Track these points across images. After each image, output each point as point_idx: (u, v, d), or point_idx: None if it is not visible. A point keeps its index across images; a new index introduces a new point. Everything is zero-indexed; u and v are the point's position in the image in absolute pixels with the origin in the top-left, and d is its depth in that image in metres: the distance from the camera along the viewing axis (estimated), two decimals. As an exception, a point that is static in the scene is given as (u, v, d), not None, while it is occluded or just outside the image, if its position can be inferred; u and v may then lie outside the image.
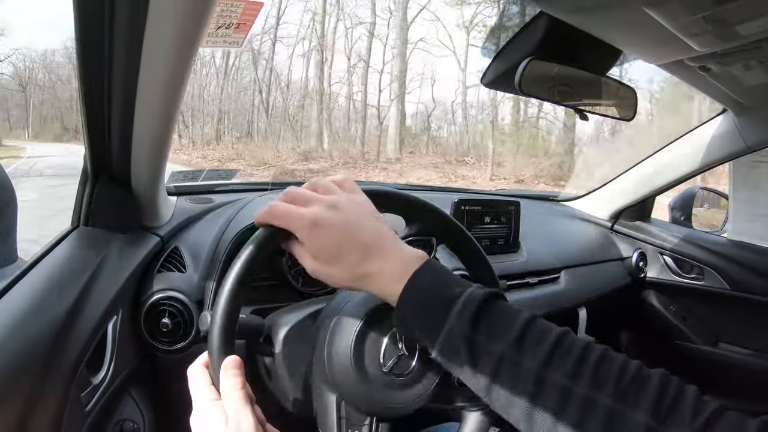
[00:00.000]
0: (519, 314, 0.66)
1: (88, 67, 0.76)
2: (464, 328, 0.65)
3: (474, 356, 0.64)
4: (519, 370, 0.62)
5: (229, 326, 0.71)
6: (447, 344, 0.66)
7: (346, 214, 0.72)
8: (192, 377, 0.70)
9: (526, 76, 1.04)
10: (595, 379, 0.59)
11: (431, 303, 0.68)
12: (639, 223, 2.23)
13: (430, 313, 0.68)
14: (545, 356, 0.62)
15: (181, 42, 0.70)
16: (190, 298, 1.10)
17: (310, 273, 0.73)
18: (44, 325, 0.77)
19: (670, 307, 2.14)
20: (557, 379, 0.60)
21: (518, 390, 0.62)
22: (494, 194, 2.38)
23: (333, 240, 0.70)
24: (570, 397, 0.59)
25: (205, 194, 1.53)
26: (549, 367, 0.61)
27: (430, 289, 0.69)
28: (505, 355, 0.63)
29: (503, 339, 0.64)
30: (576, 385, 0.59)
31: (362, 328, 0.81)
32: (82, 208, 1.02)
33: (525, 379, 0.62)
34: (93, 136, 0.90)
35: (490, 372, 0.64)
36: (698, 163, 1.89)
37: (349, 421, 0.81)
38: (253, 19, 0.90)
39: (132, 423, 1.04)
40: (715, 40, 1.00)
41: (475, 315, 0.65)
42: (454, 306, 0.66)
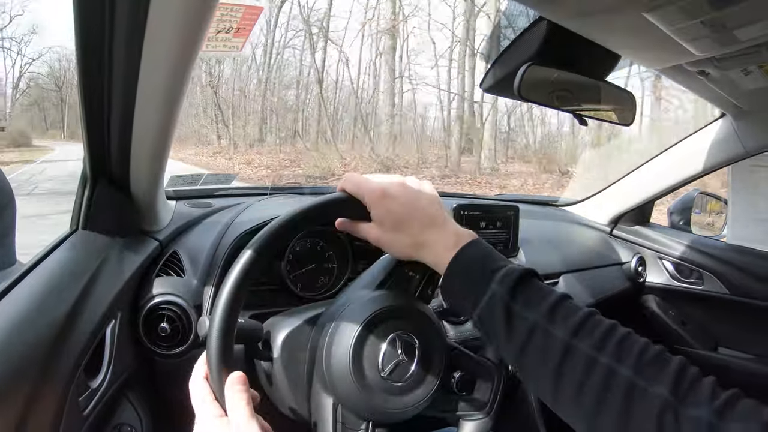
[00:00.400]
0: (552, 291, 0.73)
1: (88, 70, 0.76)
2: (504, 295, 0.71)
3: (510, 322, 0.71)
4: (549, 338, 0.68)
5: (227, 331, 0.72)
6: (487, 309, 0.73)
7: (410, 189, 0.82)
8: (194, 393, 0.71)
9: (525, 81, 1.04)
10: (618, 353, 0.64)
11: (477, 271, 0.75)
12: (638, 228, 2.23)
13: (475, 279, 0.75)
14: (574, 328, 0.67)
15: (181, 45, 0.70)
16: (188, 302, 1.10)
17: (373, 240, 0.83)
18: (42, 329, 0.77)
19: (669, 312, 2.14)
20: (583, 349, 0.66)
21: (547, 357, 0.68)
22: (493, 199, 2.38)
23: (399, 209, 0.80)
24: (594, 366, 0.64)
25: (204, 198, 1.53)
26: (576, 337, 0.67)
27: (477, 259, 0.77)
28: (537, 323, 0.69)
29: (537, 309, 0.70)
30: (600, 355, 0.65)
31: (361, 333, 0.80)
32: (81, 211, 1.02)
33: (554, 347, 0.67)
34: (92, 140, 0.90)
35: (522, 338, 0.70)
36: (697, 168, 1.89)
37: (346, 425, 0.81)
38: (252, 23, 0.91)
39: (130, 427, 1.03)
40: (713, 44, 1.00)
41: (515, 285, 0.72)
42: (496, 275, 0.73)
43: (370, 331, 0.81)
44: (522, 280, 0.73)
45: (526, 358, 0.70)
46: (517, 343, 0.70)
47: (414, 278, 0.91)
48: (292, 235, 0.80)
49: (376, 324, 0.82)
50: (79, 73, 0.77)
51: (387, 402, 0.80)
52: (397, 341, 0.82)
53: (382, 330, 0.82)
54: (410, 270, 0.91)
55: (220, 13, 0.85)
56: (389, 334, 0.82)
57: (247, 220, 1.31)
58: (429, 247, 0.80)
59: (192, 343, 1.09)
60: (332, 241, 1.36)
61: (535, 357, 0.69)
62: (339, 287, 1.34)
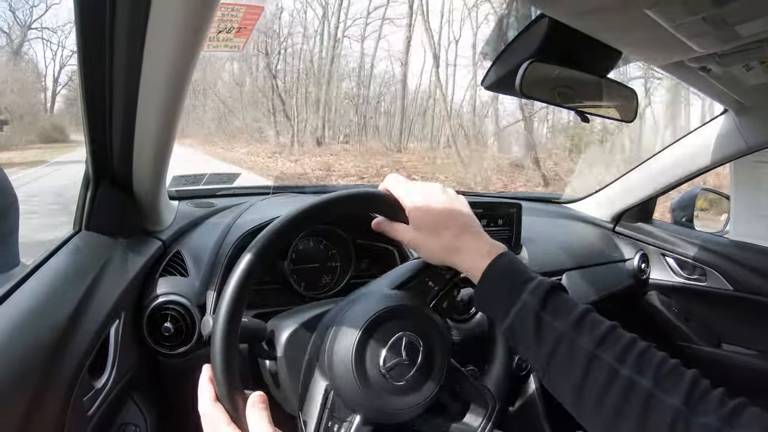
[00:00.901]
0: (578, 304, 0.77)
1: (90, 70, 0.77)
2: (535, 305, 0.75)
3: (539, 331, 0.74)
4: (575, 348, 0.72)
5: (231, 330, 0.72)
6: (519, 316, 0.76)
7: (448, 197, 0.87)
8: (208, 420, 0.72)
9: (527, 78, 1.04)
10: (639, 365, 0.68)
11: (510, 280, 0.79)
12: (641, 225, 2.23)
13: (508, 288, 0.79)
14: (598, 339, 0.71)
15: (182, 46, 0.71)
16: (192, 302, 1.10)
17: (407, 242, 0.87)
18: (46, 330, 0.77)
19: (672, 309, 2.13)
20: (607, 360, 0.69)
21: (572, 365, 0.71)
22: (495, 196, 2.38)
23: (438, 213, 0.85)
24: (616, 377, 0.68)
25: (207, 198, 1.54)
26: (601, 348, 0.70)
27: (511, 269, 0.80)
28: (564, 333, 0.73)
29: (565, 319, 0.74)
30: (622, 367, 0.68)
31: (365, 330, 0.81)
32: (84, 212, 1.02)
33: (579, 356, 0.71)
34: (94, 140, 0.90)
35: (550, 347, 0.73)
36: (699, 164, 1.89)
37: (334, 413, 0.80)
38: (253, 23, 0.91)
39: (134, 427, 1.04)
40: (715, 41, 1.00)
41: (545, 295, 0.76)
42: (528, 285, 0.77)
43: (374, 330, 0.81)
44: (551, 292, 0.77)
45: (553, 366, 0.74)
46: (546, 351, 0.74)
47: (432, 289, 0.92)
48: (325, 218, 0.84)
49: (380, 323, 0.82)
50: (80, 73, 0.78)
51: (386, 401, 0.80)
52: (401, 341, 0.82)
53: (387, 328, 0.82)
54: (431, 280, 0.92)
55: (221, 13, 0.85)
56: (394, 333, 0.82)
57: (250, 219, 1.32)
58: (464, 253, 0.83)
59: (196, 342, 1.09)
60: (335, 240, 1.36)
61: (561, 365, 0.73)
62: (342, 286, 1.34)
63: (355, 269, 1.37)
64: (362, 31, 17.86)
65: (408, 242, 0.88)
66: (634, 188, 2.15)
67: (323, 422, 0.79)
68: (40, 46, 24.45)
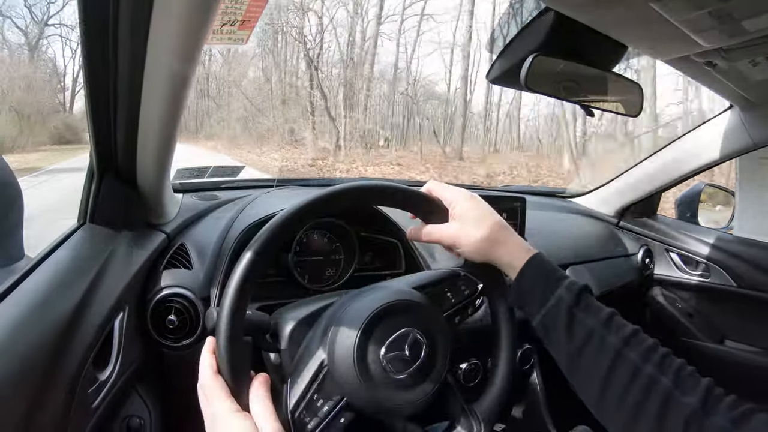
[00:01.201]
0: (605, 306, 0.82)
1: (94, 63, 0.77)
2: (569, 300, 0.81)
3: (571, 326, 0.80)
4: (603, 344, 0.77)
5: (235, 323, 0.72)
6: (553, 310, 0.82)
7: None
8: (207, 388, 0.72)
9: (531, 72, 1.04)
10: (661, 365, 0.73)
11: (546, 276, 0.86)
12: (645, 220, 2.23)
13: (544, 283, 0.85)
14: (626, 337, 0.77)
15: (186, 38, 0.71)
16: (196, 294, 1.10)
17: (449, 237, 0.92)
18: (51, 322, 0.77)
19: (676, 304, 2.13)
20: (632, 357, 0.74)
21: (600, 360, 0.76)
22: (500, 190, 2.37)
23: (483, 209, 0.92)
24: (639, 374, 0.73)
25: (211, 191, 1.54)
26: (628, 346, 0.76)
27: (547, 267, 0.87)
28: (595, 329, 0.78)
29: (596, 317, 0.80)
30: (645, 366, 0.73)
31: (371, 320, 0.81)
32: (88, 205, 1.02)
33: (606, 352, 0.76)
34: (98, 133, 0.90)
35: (580, 342, 0.79)
36: (705, 160, 1.89)
37: (322, 388, 0.80)
38: (257, 15, 0.90)
39: (138, 419, 1.04)
40: (721, 35, 1.00)
41: (579, 293, 0.82)
42: (563, 282, 0.84)
43: (383, 318, 0.82)
44: (584, 291, 0.83)
45: (581, 360, 0.79)
46: (576, 345, 0.79)
47: (449, 300, 0.94)
48: (364, 204, 0.96)
49: (391, 313, 0.83)
50: (84, 66, 0.78)
51: (378, 391, 0.80)
52: (408, 337, 0.82)
53: (396, 321, 0.83)
54: (450, 291, 0.95)
55: (225, 5, 0.85)
56: (402, 327, 0.83)
57: (254, 212, 1.32)
58: (504, 246, 0.89)
59: (200, 335, 1.10)
60: (339, 232, 1.37)
61: (589, 359, 0.78)
62: (346, 279, 1.35)
63: (359, 262, 1.37)
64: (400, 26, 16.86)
65: (450, 238, 0.92)
66: (638, 183, 2.15)
67: (309, 394, 0.79)
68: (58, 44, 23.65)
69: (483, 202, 0.93)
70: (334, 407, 0.79)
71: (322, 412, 0.78)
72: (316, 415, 0.78)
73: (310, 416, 0.78)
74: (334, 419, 0.79)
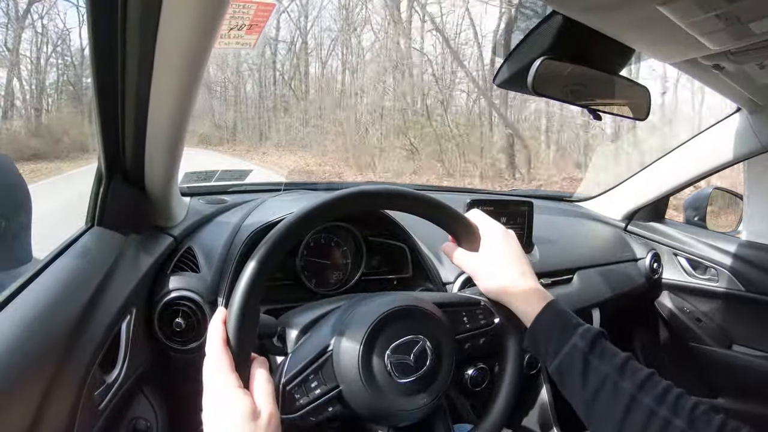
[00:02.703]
0: (619, 351, 0.83)
1: (103, 65, 0.77)
2: (584, 347, 0.82)
3: (586, 372, 0.81)
4: (618, 389, 0.78)
5: (251, 297, 0.73)
6: (568, 357, 0.83)
7: (518, 242, 0.98)
8: (214, 362, 0.72)
9: (539, 75, 1.04)
10: (675, 407, 0.74)
11: (562, 324, 0.86)
12: (653, 224, 2.22)
13: (559, 330, 0.86)
14: (640, 382, 0.77)
15: (194, 43, 0.71)
16: (203, 298, 1.10)
17: (471, 270, 0.96)
18: (58, 325, 0.77)
19: (684, 309, 2.12)
20: (647, 402, 0.75)
21: (615, 406, 0.77)
22: (507, 194, 2.37)
23: (512, 250, 0.95)
24: (654, 417, 0.74)
25: (219, 195, 1.54)
26: (642, 390, 0.77)
27: (561, 315, 0.88)
28: (609, 376, 0.79)
29: (610, 363, 0.80)
30: (660, 408, 0.74)
31: (382, 320, 0.81)
32: (96, 208, 1.03)
33: (621, 397, 0.77)
34: (107, 136, 0.91)
35: (595, 387, 0.80)
36: (712, 163, 1.88)
37: (320, 371, 0.80)
38: (265, 20, 0.91)
39: (145, 421, 1.04)
40: (728, 38, 1.00)
41: (593, 339, 0.83)
42: (578, 329, 0.84)
43: (395, 319, 0.83)
44: (598, 337, 0.84)
45: (596, 406, 0.80)
46: (590, 391, 0.80)
47: (464, 325, 0.94)
48: (401, 210, 0.93)
49: (402, 317, 0.83)
50: (93, 69, 0.78)
51: (382, 396, 0.79)
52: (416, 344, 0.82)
53: (407, 324, 0.83)
54: (467, 316, 0.95)
55: (233, 9, 0.85)
56: (412, 333, 0.83)
57: (262, 216, 1.32)
58: (522, 294, 0.91)
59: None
60: (346, 236, 1.37)
61: (604, 405, 0.79)
62: (353, 283, 1.35)
63: (366, 266, 1.37)
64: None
65: (473, 270, 0.96)
66: (646, 187, 2.15)
67: (306, 372, 0.79)
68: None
69: (515, 243, 0.96)
70: (327, 393, 0.79)
71: (313, 394, 0.79)
72: (306, 394, 0.78)
73: (301, 394, 0.78)
74: (324, 405, 0.79)
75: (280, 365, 0.80)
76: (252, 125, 18.46)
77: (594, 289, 1.81)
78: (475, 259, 0.95)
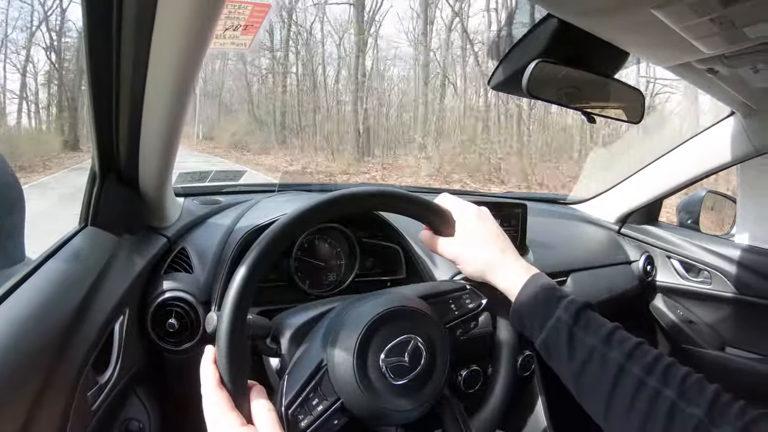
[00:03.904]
0: (607, 321, 0.83)
1: (97, 66, 0.77)
2: (568, 320, 0.82)
3: (571, 344, 0.81)
4: (605, 360, 0.77)
5: (236, 334, 0.72)
6: (553, 330, 0.83)
7: (493, 219, 0.98)
8: (213, 406, 0.72)
9: (533, 78, 1.04)
10: (664, 377, 0.74)
11: (545, 297, 0.86)
12: (646, 227, 2.22)
13: (542, 304, 0.85)
14: (627, 352, 0.77)
15: (189, 43, 0.71)
16: (196, 298, 1.10)
17: (451, 255, 0.95)
18: (51, 325, 0.77)
19: (677, 311, 2.13)
20: (635, 371, 0.75)
21: (603, 377, 0.77)
22: (501, 196, 2.37)
23: (488, 229, 0.94)
24: (644, 387, 0.73)
25: (213, 195, 1.54)
26: (630, 360, 0.76)
27: (545, 288, 0.87)
28: (596, 347, 0.79)
29: (596, 335, 0.80)
30: (649, 378, 0.74)
31: (374, 323, 0.81)
32: (89, 208, 1.02)
33: (609, 368, 0.77)
34: (100, 136, 0.90)
35: (582, 359, 0.79)
36: (706, 167, 1.89)
37: (319, 387, 0.80)
38: (260, 20, 0.91)
39: (138, 422, 1.04)
40: (722, 42, 1.00)
41: (578, 311, 0.82)
42: (561, 302, 0.84)
43: (387, 321, 0.82)
44: (583, 309, 0.83)
45: (584, 378, 0.80)
46: (577, 364, 0.80)
47: (452, 312, 0.95)
48: (376, 208, 0.99)
49: (393, 318, 0.83)
50: (87, 68, 0.78)
51: (382, 400, 0.79)
52: (409, 344, 0.82)
53: (399, 326, 0.83)
54: (454, 304, 0.95)
55: (228, 10, 0.85)
56: (404, 333, 0.83)
57: (256, 216, 1.32)
58: (503, 270, 0.91)
59: (200, 339, 1.10)
60: (340, 238, 1.37)
61: (592, 377, 0.79)
62: (347, 284, 1.35)
63: (359, 267, 1.37)
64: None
65: (453, 255, 0.95)
66: (639, 190, 2.15)
67: (305, 392, 0.79)
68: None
69: (490, 221, 0.96)
70: (329, 407, 0.79)
71: (316, 411, 0.78)
72: (310, 413, 0.78)
73: (304, 414, 0.78)
74: (328, 420, 0.79)
75: (279, 389, 0.80)
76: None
77: (587, 292, 1.81)
78: (453, 244, 0.95)
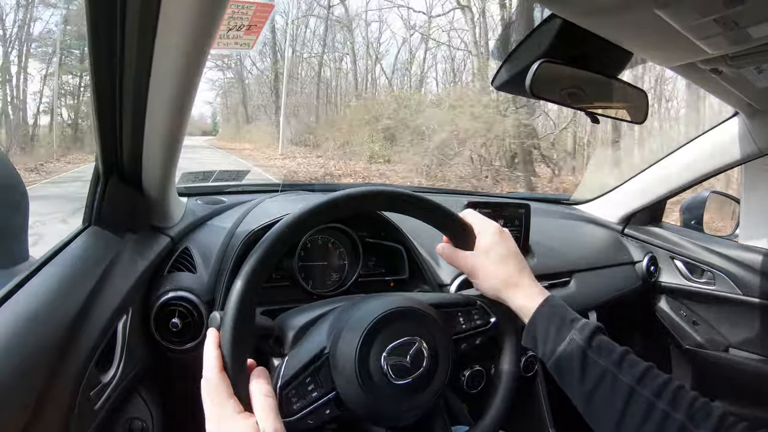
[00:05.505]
0: (617, 345, 0.84)
1: (101, 66, 0.77)
2: (581, 342, 0.83)
3: (584, 367, 0.82)
4: (616, 383, 0.79)
5: (244, 320, 0.72)
6: (566, 352, 0.84)
7: (513, 239, 0.97)
8: (213, 389, 0.72)
9: (537, 78, 1.04)
10: (674, 400, 0.75)
11: (560, 319, 0.87)
12: (650, 227, 2.22)
13: (557, 325, 0.86)
14: (638, 376, 0.79)
15: (192, 43, 0.71)
16: (200, 298, 1.10)
17: (469, 268, 0.96)
18: (54, 324, 0.77)
19: (680, 312, 2.12)
20: (646, 395, 0.77)
21: (614, 399, 0.79)
22: (504, 197, 2.37)
23: (508, 248, 0.94)
24: (653, 410, 0.75)
25: (216, 195, 1.54)
26: (640, 384, 0.78)
27: (559, 309, 0.88)
28: (607, 370, 0.80)
29: (608, 358, 0.81)
30: (659, 402, 0.76)
31: (379, 321, 0.81)
32: (93, 207, 1.02)
33: (620, 391, 0.78)
34: (104, 136, 0.90)
35: (593, 382, 0.81)
36: (710, 167, 1.88)
37: (317, 375, 0.80)
38: (264, 20, 0.91)
39: (141, 421, 1.04)
40: (726, 42, 1.00)
41: (591, 334, 0.84)
42: (575, 324, 0.86)
43: (392, 321, 0.83)
44: (596, 332, 0.85)
45: (595, 399, 0.81)
46: (589, 386, 0.81)
47: (460, 325, 0.95)
48: (393, 210, 0.94)
49: (400, 318, 0.83)
50: (91, 68, 0.78)
51: (379, 397, 0.79)
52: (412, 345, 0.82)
53: (404, 326, 0.83)
54: (463, 317, 0.95)
55: (231, 10, 0.85)
56: (409, 334, 0.83)
57: (259, 216, 1.32)
58: (517, 290, 0.92)
59: (203, 338, 1.10)
60: (343, 238, 1.37)
61: (603, 399, 0.80)
62: (350, 284, 1.35)
63: (362, 267, 1.37)
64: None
65: (470, 269, 0.96)
66: (643, 190, 2.15)
67: (302, 375, 0.79)
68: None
69: (510, 241, 0.96)
70: (324, 396, 0.79)
71: (310, 397, 0.79)
72: (303, 398, 0.78)
73: (298, 397, 0.78)
74: (321, 408, 0.79)
75: (277, 368, 0.80)
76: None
77: (591, 292, 1.81)
78: (472, 258, 0.95)
